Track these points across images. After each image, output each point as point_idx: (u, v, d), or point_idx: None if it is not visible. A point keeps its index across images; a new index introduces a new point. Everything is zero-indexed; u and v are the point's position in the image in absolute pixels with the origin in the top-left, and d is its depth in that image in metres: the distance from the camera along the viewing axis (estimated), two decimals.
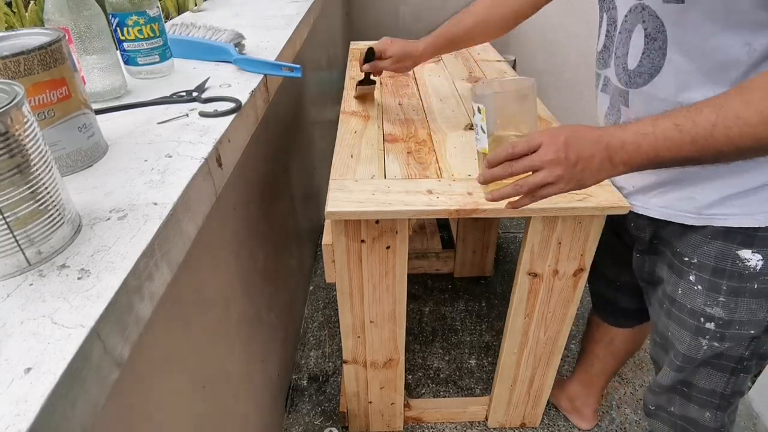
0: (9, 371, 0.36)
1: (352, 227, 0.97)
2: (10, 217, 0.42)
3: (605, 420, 1.42)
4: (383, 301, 1.08)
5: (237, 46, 1.09)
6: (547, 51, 2.69)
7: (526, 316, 1.12)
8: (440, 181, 0.97)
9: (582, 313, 1.78)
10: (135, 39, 0.90)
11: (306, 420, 1.43)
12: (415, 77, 1.53)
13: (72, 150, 0.61)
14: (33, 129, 0.44)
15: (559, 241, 0.99)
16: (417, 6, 3.37)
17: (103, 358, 0.41)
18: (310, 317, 1.78)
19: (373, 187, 0.95)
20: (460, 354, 1.63)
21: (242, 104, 0.83)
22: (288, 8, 1.58)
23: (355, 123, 1.22)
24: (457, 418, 1.42)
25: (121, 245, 0.49)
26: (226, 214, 0.91)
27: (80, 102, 0.62)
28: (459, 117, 1.25)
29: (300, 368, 1.59)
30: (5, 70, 0.53)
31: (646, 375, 1.55)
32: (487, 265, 1.92)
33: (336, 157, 1.06)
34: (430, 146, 1.10)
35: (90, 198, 0.57)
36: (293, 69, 0.99)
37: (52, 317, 0.40)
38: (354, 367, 1.22)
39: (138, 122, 0.76)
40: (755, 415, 1.42)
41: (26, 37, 0.58)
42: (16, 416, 0.33)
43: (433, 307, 1.82)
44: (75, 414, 0.37)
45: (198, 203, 0.63)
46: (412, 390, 1.51)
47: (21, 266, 0.45)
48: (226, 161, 0.74)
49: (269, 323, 1.25)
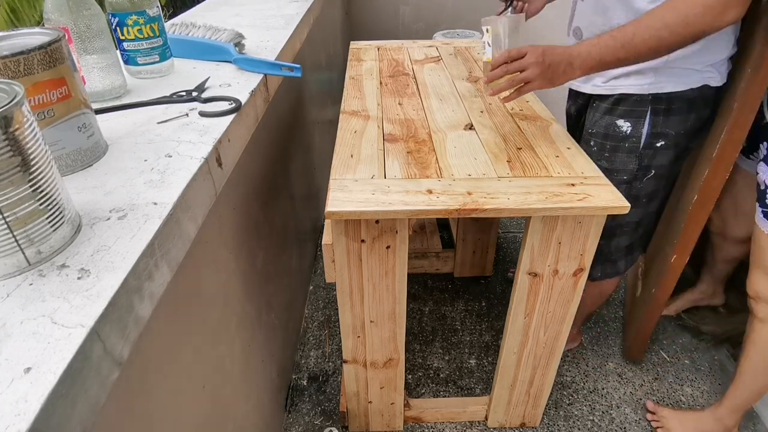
0: (9, 371, 0.36)
1: (352, 227, 0.97)
2: (10, 217, 0.42)
3: (605, 420, 1.42)
4: (383, 300, 1.08)
5: (237, 45, 1.09)
6: None
7: (526, 316, 1.12)
8: (440, 181, 0.97)
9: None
10: (135, 39, 0.90)
11: (306, 420, 1.43)
12: (415, 77, 1.53)
13: (72, 150, 0.61)
14: (33, 129, 0.44)
15: (559, 241, 0.99)
16: (417, 5, 3.37)
17: (103, 358, 0.41)
18: (310, 317, 1.78)
19: (373, 187, 0.95)
20: (460, 354, 1.63)
21: (242, 104, 0.83)
22: (288, 8, 1.58)
23: (355, 123, 1.22)
24: (457, 418, 1.42)
25: (121, 245, 0.49)
26: (226, 214, 0.91)
27: (80, 102, 0.62)
28: (459, 117, 1.25)
29: (300, 368, 1.59)
30: (5, 70, 0.53)
31: (645, 375, 1.55)
32: (487, 265, 1.92)
33: (336, 157, 1.06)
34: (430, 146, 1.10)
35: (90, 198, 0.57)
36: (293, 69, 0.99)
37: (52, 317, 0.40)
38: (354, 367, 1.22)
39: (138, 122, 0.76)
40: (755, 415, 1.42)
41: (26, 37, 0.58)
42: (16, 416, 0.33)
43: (433, 307, 1.82)
44: (75, 414, 0.37)
45: (198, 203, 0.63)
46: (412, 390, 1.51)
47: (21, 266, 0.45)
48: (226, 161, 0.74)
49: (269, 323, 1.25)
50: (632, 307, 1.62)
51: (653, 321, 1.48)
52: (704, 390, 1.51)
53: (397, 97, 1.38)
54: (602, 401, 1.48)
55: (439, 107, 1.31)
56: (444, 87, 1.45)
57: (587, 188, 0.95)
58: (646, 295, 1.49)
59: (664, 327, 1.71)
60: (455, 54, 1.75)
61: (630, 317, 1.63)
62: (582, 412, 1.45)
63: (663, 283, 1.37)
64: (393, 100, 1.36)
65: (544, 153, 1.07)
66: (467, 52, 1.77)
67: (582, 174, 0.99)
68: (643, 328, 1.50)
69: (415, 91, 1.42)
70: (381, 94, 1.39)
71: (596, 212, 0.92)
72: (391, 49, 1.83)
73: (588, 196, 0.92)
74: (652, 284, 1.44)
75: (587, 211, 0.92)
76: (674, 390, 1.51)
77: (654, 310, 1.45)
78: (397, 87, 1.45)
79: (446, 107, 1.31)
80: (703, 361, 1.60)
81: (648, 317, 1.47)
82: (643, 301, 1.51)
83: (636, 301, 1.59)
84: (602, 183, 0.96)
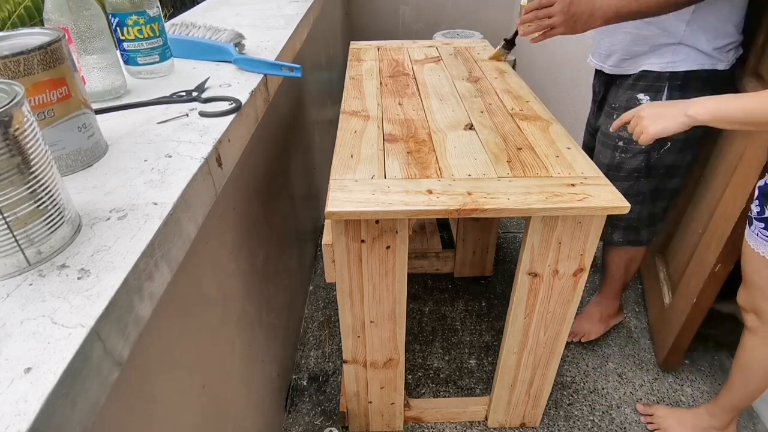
0: (9, 371, 0.36)
1: (352, 227, 0.97)
2: (10, 217, 0.42)
3: (605, 420, 1.42)
4: (383, 301, 1.08)
5: (237, 46, 1.09)
6: (547, 51, 2.69)
7: (526, 316, 1.12)
8: (440, 181, 0.97)
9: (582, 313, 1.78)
10: (135, 39, 0.90)
11: (306, 420, 1.43)
12: (415, 77, 1.53)
13: (72, 150, 0.61)
14: (33, 129, 0.44)
15: (559, 241, 0.99)
16: (417, 6, 3.37)
17: (103, 358, 0.41)
18: (310, 317, 1.78)
19: (373, 187, 0.95)
20: (460, 354, 1.63)
21: (242, 104, 0.83)
22: (288, 8, 1.58)
23: (355, 123, 1.22)
24: (457, 418, 1.42)
25: (121, 245, 0.49)
26: (226, 214, 0.91)
27: (80, 102, 0.62)
28: (459, 117, 1.25)
29: (300, 368, 1.59)
30: (5, 70, 0.53)
31: (645, 375, 1.55)
32: (487, 265, 1.92)
33: (336, 157, 1.06)
34: (430, 146, 1.10)
35: (90, 198, 0.57)
36: (293, 69, 0.99)
37: (52, 317, 0.40)
38: (354, 367, 1.22)
39: (138, 122, 0.76)
40: (755, 415, 1.42)
41: (26, 37, 0.58)
42: (16, 416, 0.33)
43: (433, 307, 1.82)
44: (75, 414, 0.37)
45: (198, 203, 0.63)
46: (412, 390, 1.51)
47: (21, 266, 0.45)
48: (226, 161, 0.74)
49: (269, 323, 1.25)
50: (661, 315, 1.60)
51: (692, 331, 1.45)
52: (704, 390, 1.51)
53: (397, 97, 1.38)
54: (602, 401, 1.48)
55: (439, 107, 1.31)
56: (444, 87, 1.45)
57: (587, 188, 0.95)
58: (682, 304, 1.46)
59: None
60: (455, 54, 1.75)
61: (659, 325, 1.61)
62: (582, 412, 1.45)
63: (705, 292, 1.35)
64: (393, 100, 1.36)
65: (544, 153, 1.07)
66: (467, 52, 1.77)
67: (582, 174, 0.99)
68: (681, 336, 1.47)
69: (415, 91, 1.42)
70: (381, 95, 1.39)
71: (596, 212, 0.92)
72: (391, 49, 1.83)
73: (588, 197, 0.92)
74: (689, 293, 1.41)
75: (587, 211, 0.92)
76: (674, 390, 1.51)
77: (694, 319, 1.42)
78: (397, 87, 1.45)
79: (446, 107, 1.31)
80: (703, 361, 1.60)
81: (687, 327, 1.44)
82: (677, 309, 1.48)
83: (666, 308, 1.57)
84: (602, 183, 0.96)
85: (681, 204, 1.56)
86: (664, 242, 1.68)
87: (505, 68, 1.61)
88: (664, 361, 1.56)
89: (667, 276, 1.64)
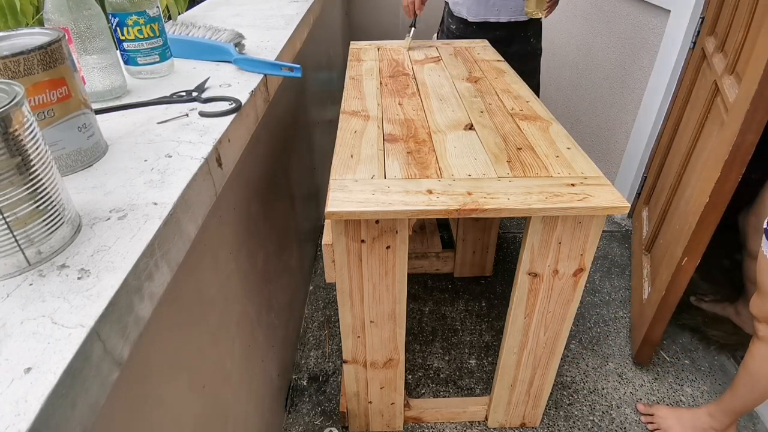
0: (9, 371, 0.36)
1: (352, 227, 0.97)
2: (10, 217, 0.42)
3: (605, 420, 1.42)
4: (383, 300, 1.08)
5: (237, 46, 1.09)
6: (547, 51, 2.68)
7: (526, 316, 1.12)
8: (440, 181, 0.97)
9: (582, 313, 1.78)
10: (135, 39, 0.90)
11: (306, 420, 1.43)
12: (415, 77, 1.53)
13: (72, 150, 0.61)
14: (33, 129, 0.44)
15: (559, 241, 0.99)
16: None
17: (103, 358, 0.41)
18: (310, 317, 1.78)
19: (373, 187, 0.95)
20: (460, 354, 1.63)
21: (242, 104, 0.83)
22: (288, 8, 1.58)
23: (355, 123, 1.22)
24: (457, 418, 1.42)
25: (121, 245, 0.49)
26: (226, 214, 0.91)
27: (80, 102, 0.62)
28: (459, 117, 1.25)
29: (300, 368, 1.59)
30: (5, 70, 0.53)
31: (645, 375, 1.55)
32: (487, 265, 1.92)
33: (336, 157, 1.06)
34: (430, 146, 1.10)
35: (90, 198, 0.57)
36: (293, 69, 0.99)
37: (52, 317, 0.40)
38: (354, 367, 1.22)
39: (138, 122, 0.76)
40: (755, 416, 1.42)
41: (26, 37, 0.58)
42: (16, 416, 0.33)
43: (433, 307, 1.82)
44: (75, 414, 0.37)
45: (198, 203, 0.63)
46: (412, 390, 1.51)
47: (21, 266, 0.45)
48: (226, 161, 0.74)
49: (269, 323, 1.25)
50: (640, 310, 1.62)
51: (663, 324, 1.47)
52: (704, 390, 1.51)
53: (397, 98, 1.38)
54: (602, 401, 1.48)
55: (439, 107, 1.31)
56: (444, 87, 1.45)
57: (587, 188, 0.95)
58: (654, 298, 1.48)
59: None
60: (455, 54, 1.75)
61: (637, 320, 1.62)
62: (582, 412, 1.45)
63: (673, 285, 1.37)
64: (393, 100, 1.36)
65: (544, 153, 1.07)
66: (467, 52, 1.77)
67: (582, 174, 0.99)
68: (652, 330, 1.49)
69: (415, 92, 1.42)
70: (381, 95, 1.39)
71: (596, 212, 0.92)
72: (391, 49, 1.84)
73: (588, 197, 0.92)
74: (661, 287, 1.44)
75: (587, 211, 0.92)
76: (674, 390, 1.51)
77: (663, 312, 1.44)
78: (397, 87, 1.45)
79: (446, 107, 1.31)
80: (703, 362, 1.60)
81: (657, 320, 1.46)
82: (651, 303, 1.50)
83: (644, 303, 1.58)
84: (602, 183, 0.96)
85: (666, 200, 1.57)
86: (651, 239, 1.69)
87: (505, 68, 1.60)
88: (637, 354, 1.58)
89: (649, 272, 1.65)
